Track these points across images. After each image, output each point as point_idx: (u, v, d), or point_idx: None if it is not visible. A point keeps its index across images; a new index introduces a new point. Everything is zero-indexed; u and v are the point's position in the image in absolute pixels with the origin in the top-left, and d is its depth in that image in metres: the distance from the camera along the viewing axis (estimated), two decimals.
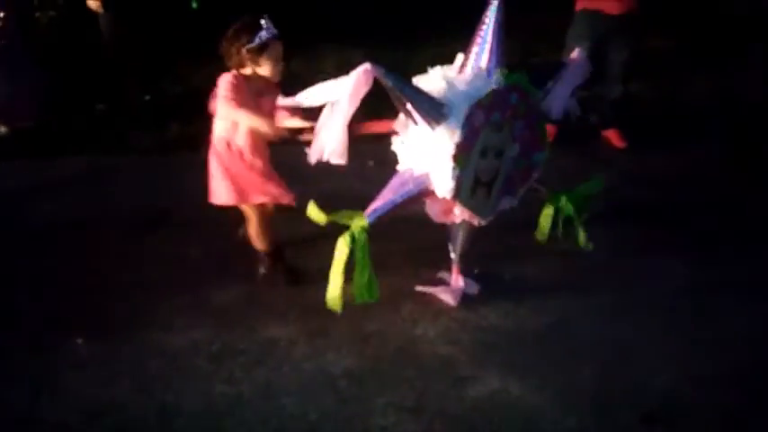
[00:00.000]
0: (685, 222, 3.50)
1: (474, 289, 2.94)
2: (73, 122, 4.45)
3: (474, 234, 2.85)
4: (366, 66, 2.33)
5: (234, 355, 2.63)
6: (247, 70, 2.75)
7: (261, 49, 2.71)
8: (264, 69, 2.75)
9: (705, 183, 3.94)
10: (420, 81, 2.58)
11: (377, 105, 2.48)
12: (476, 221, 2.76)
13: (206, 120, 2.85)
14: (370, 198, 2.59)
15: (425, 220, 2.80)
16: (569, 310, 2.85)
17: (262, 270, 3.05)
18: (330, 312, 2.83)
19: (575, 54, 2.80)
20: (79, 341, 2.66)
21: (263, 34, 2.69)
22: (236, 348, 2.66)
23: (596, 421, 2.39)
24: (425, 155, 2.55)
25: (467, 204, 2.65)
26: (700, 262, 3.19)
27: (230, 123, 2.78)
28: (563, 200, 2.85)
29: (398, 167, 2.68)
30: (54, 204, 3.56)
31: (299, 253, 3.15)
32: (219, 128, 2.81)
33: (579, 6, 4.11)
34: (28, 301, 2.88)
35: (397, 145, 2.68)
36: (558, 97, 2.73)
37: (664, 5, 5.13)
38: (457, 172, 2.51)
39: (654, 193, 3.20)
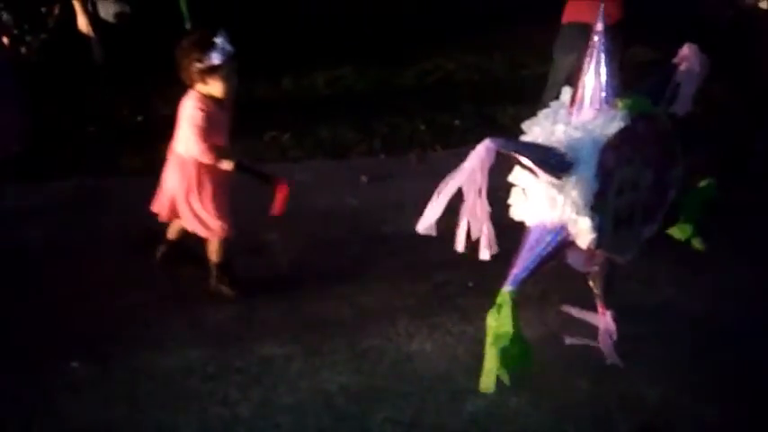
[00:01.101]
0: None
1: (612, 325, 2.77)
2: (63, 145, 4.44)
3: (616, 269, 2.68)
4: (486, 143, 2.14)
5: (229, 374, 2.61)
6: (201, 87, 2.71)
7: (211, 70, 2.65)
8: (213, 88, 2.70)
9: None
10: (533, 128, 2.44)
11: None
12: (619, 259, 2.61)
13: None
14: (364, 214, 2.58)
15: (424, 236, 2.78)
16: (563, 320, 2.85)
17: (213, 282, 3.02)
18: (326, 329, 2.83)
19: (685, 50, 2.60)
20: (74, 365, 2.64)
21: (215, 56, 2.61)
22: (232, 368, 2.64)
23: None
24: (560, 207, 2.35)
25: (610, 249, 2.48)
26: (696, 269, 3.18)
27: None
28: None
29: (521, 220, 2.47)
30: (43, 228, 3.54)
31: (294, 267, 3.15)
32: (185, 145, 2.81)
33: (566, 19, 4.13)
34: (20, 327, 2.85)
35: (517, 197, 2.47)
36: (684, 99, 2.60)
37: (651, 16, 5.18)
38: (597, 220, 2.32)
39: None
